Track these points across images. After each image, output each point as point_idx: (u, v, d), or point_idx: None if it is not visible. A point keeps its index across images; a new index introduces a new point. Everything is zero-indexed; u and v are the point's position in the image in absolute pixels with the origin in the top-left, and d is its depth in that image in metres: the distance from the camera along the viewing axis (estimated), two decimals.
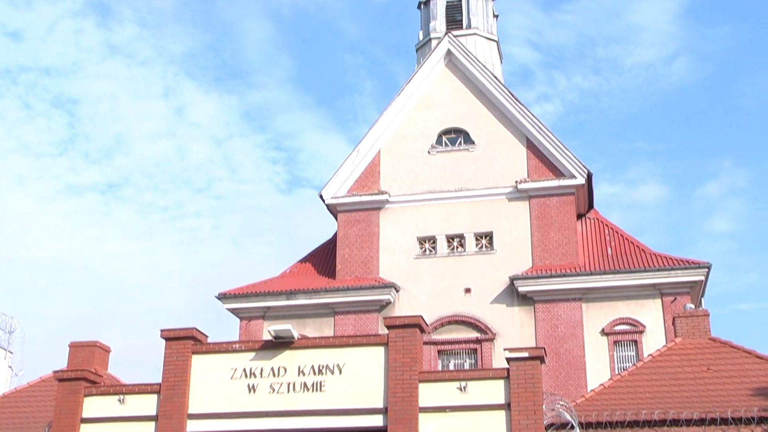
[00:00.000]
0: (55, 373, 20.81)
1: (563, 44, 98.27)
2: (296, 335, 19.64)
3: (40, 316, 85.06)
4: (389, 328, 19.21)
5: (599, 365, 34.79)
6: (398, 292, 37.60)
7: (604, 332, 35.38)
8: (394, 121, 40.22)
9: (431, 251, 38.31)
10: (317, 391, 19.16)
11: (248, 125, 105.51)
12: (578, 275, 35.78)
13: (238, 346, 20.03)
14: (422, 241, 38.61)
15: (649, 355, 25.22)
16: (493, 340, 35.99)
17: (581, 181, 37.72)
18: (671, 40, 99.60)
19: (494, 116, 39.45)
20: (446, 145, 39.72)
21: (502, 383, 18.39)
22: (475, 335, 36.42)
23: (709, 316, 24.86)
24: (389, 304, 37.51)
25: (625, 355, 35.02)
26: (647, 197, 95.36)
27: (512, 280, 36.33)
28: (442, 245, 38.21)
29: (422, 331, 19.40)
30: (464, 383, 18.52)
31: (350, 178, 39.78)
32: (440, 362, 36.48)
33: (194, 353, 20.00)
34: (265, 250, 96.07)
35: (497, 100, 39.43)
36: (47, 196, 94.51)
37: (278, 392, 19.32)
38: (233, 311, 39.10)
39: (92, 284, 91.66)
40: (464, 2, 44.01)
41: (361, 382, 18.99)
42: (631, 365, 25.69)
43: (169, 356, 20.02)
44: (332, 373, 19.21)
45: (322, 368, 19.30)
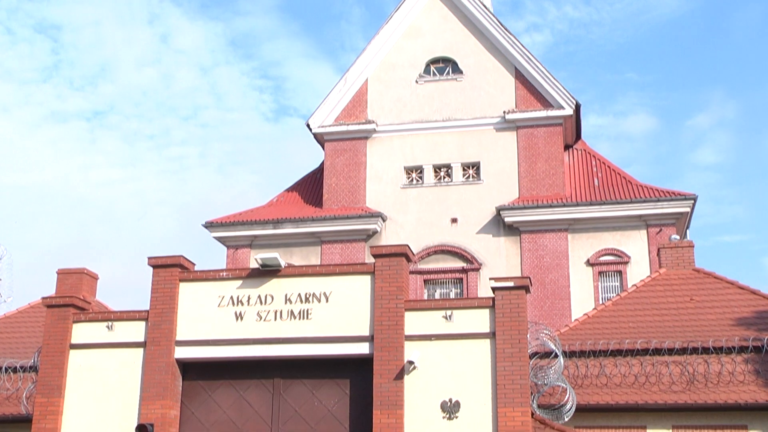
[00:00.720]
0: (43, 299, 20.85)
1: None
2: (283, 263, 19.70)
3: (27, 243, 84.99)
4: (376, 257, 19.28)
5: (584, 295, 35.18)
6: (385, 221, 37.72)
7: (589, 263, 35.69)
8: (381, 49, 39.88)
9: (418, 181, 38.33)
10: (304, 318, 19.29)
11: (234, 53, 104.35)
12: (564, 206, 35.93)
13: (225, 274, 20.09)
14: (409, 170, 38.61)
15: (633, 285, 25.47)
16: (478, 269, 36.26)
17: (569, 112, 37.65)
18: None
19: (483, 46, 39.15)
20: (434, 74, 39.46)
21: (487, 312, 18.56)
22: (461, 265, 36.68)
23: (693, 247, 25.07)
24: (376, 233, 37.65)
25: (609, 285, 35.38)
26: (636, 128, 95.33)
27: (499, 210, 36.47)
28: (429, 175, 38.23)
29: (408, 260, 19.49)
30: (450, 312, 18.67)
31: (337, 107, 39.60)
32: (426, 291, 36.79)
33: (181, 281, 20.06)
34: (252, 178, 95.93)
35: (486, 29, 39.06)
36: (32, 123, 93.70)
37: (265, 320, 19.44)
38: (220, 240, 39.21)
39: (79, 212, 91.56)
40: None
41: (347, 310, 19.13)
42: (615, 295, 25.96)
43: (156, 284, 20.08)
44: (319, 301, 19.33)
45: (308, 296, 19.41)
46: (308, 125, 39.74)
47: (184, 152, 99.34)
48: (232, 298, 19.70)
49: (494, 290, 18.58)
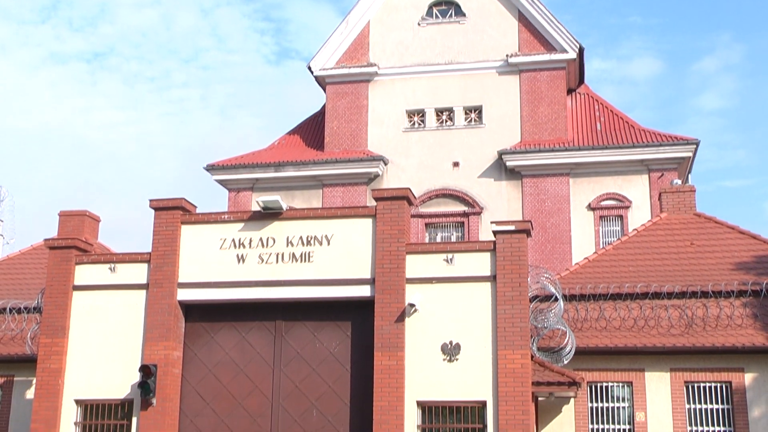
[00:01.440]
0: (46, 241, 20.92)
1: None
2: (285, 206, 19.72)
3: (28, 185, 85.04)
4: (377, 200, 19.29)
5: (584, 239, 35.28)
6: (386, 165, 37.67)
7: (590, 207, 35.71)
8: None
9: (420, 124, 38.19)
10: (305, 261, 19.37)
11: None
12: (566, 150, 35.85)
13: (226, 216, 20.13)
14: (411, 114, 38.44)
15: (633, 229, 25.54)
16: (480, 213, 36.31)
17: (572, 55, 37.36)
18: None
19: None
20: (437, 17, 39.07)
21: (488, 256, 18.62)
22: (462, 209, 36.72)
23: (695, 192, 25.09)
24: (377, 176, 37.63)
25: (610, 229, 35.45)
26: (640, 72, 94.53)
27: (500, 154, 36.40)
28: (431, 119, 38.08)
29: (410, 203, 19.51)
30: (451, 255, 18.74)
31: (339, 49, 39.29)
32: (427, 235, 36.89)
33: (183, 223, 20.11)
34: (254, 122, 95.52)
35: None
36: (31, 64, 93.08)
37: (267, 262, 19.53)
38: (222, 182, 39.22)
39: (80, 154, 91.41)
40: None
41: (349, 253, 19.20)
42: (615, 240, 26.03)
43: (158, 226, 20.13)
44: (320, 244, 19.39)
45: (310, 239, 19.47)
46: (310, 68, 39.47)
47: (185, 95, 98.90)
48: (233, 240, 19.76)
49: (495, 234, 18.62)
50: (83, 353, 19.78)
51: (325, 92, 39.73)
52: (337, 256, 19.22)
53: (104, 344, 19.72)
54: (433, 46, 38.59)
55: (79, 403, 19.67)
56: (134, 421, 19.23)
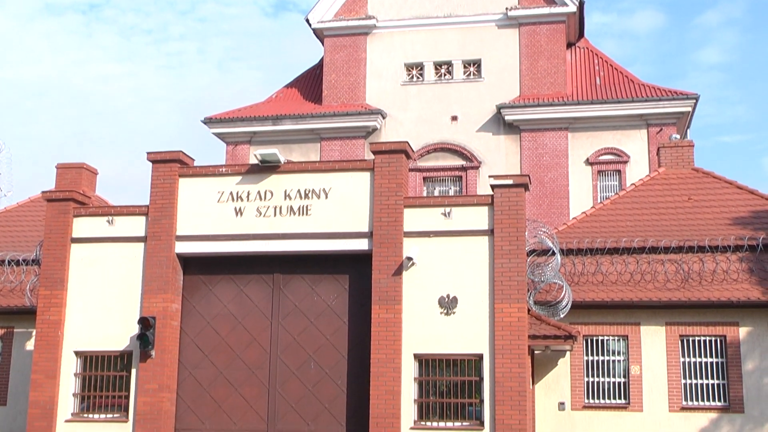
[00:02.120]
0: (43, 193, 20.89)
1: None
2: (282, 159, 19.67)
3: (25, 137, 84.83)
4: (375, 153, 19.25)
5: (582, 194, 35.31)
6: (385, 118, 37.55)
7: (588, 162, 35.68)
8: None
9: (418, 78, 37.99)
10: (303, 214, 19.38)
11: None
12: (565, 104, 35.73)
13: (224, 169, 20.09)
14: (409, 67, 38.22)
15: (631, 184, 25.55)
16: (478, 167, 36.28)
17: (572, 9, 37.06)
18: None
19: None
20: None
21: (485, 210, 18.63)
22: (460, 163, 36.68)
23: (693, 147, 25.08)
24: (375, 130, 37.53)
25: (608, 184, 35.46)
26: (642, 26, 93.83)
27: (499, 108, 36.27)
28: (429, 72, 37.88)
29: (408, 157, 19.47)
30: (449, 209, 18.75)
31: (337, 1, 38.96)
32: (425, 189, 36.89)
33: (181, 176, 20.07)
34: (252, 75, 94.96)
35: None
36: (26, 15, 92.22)
37: (265, 216, 19.54)
38: (219, 136, 39.10)
39: (77, 107, 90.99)
40: None
41: (346, 206, 19.20)
42: (613, 195, 26.03)
43: (156, 179, 20.10)
44: (318, 197, 19.38)
45: (308, 192, 19.45)
46: (307, 20, 39.15)
47: (182, 47, 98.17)
48: (231, 193, 19.74)
49: (493, 188, 18.61)
50: (82, 305, 19.87)
51: (323, 45, 39.45)
52: (335, 209, 19.23)
53: (103, 296, 19.80)
54: None
55: (78, 354, 19.80)
56: (133, 372, 19.38)
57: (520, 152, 36.20)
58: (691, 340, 20.59)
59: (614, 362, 20.85)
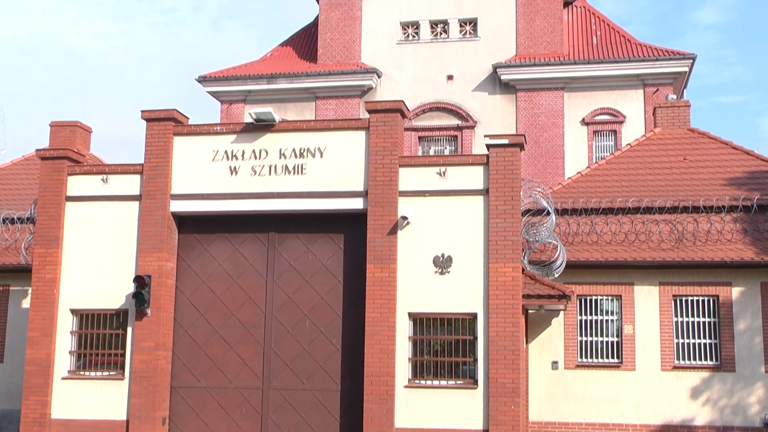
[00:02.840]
0: (37, 151, 20.81)
1: None
2: (277, 118, 19.60)
3: (18, 95, 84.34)
4: (370, 112, 19.18)
5: (578, 154, 35.29)
6: (380, 77, 37.37)
7: (584, 122, 35.63)
8: None
9: (414, 37, 37.76)
10: (298, 173, 19.35)
11: None
12: (561, 64, 35.57)
13: (219, 128, 20.02)
14: (405, 26, 37.97)
15: (627, 144, 25.51)
16: (473, 127, 36.21)
17: None
18: None
19: None
20: None
21: (481, 169, 18.61)
22: (456, 122, 36.60)
23: (689, 107, 25.00)
24: (371, 89, 37.38)
25: (604, 144, 35.44)
26: None
27: (495, 67, 36.11)
28: (425, 31, 37.64)
29: (403, 116, 19.41)
30: (444, 168, 18.73)
31: None
32: (420, 148, 36.84)
33: (175, 135, 20.00)
34: (247, 33, 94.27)
35: None
36: None
37: (260, 174, 19.50)
38: (214, 94, 38.93)
39: (71, 65, 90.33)
40: None
41: (342, 165, 19.17)
42: (609, 155, 26.01)
43: (150, 137, 20.02)
44: (313, 156, 19.34)
45: (303, 151, 19.41)
46: None
47: (176, 5, 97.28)
48: (226, 152, 19.69)
49: (488, 147, 18.59)
50: (77, 264, 19.89)
51: (318, 3, 39.13)
52: (330, 168, 19.20)
53: (98, 255, 19.82)
54: None
55: (74, 312, 19.86)
56: (129, 330, 19.46)
57: (515, 112, 36.12)
58: (684, 299, 20.70)
59: (607, 322, 20.97)
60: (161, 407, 19.21)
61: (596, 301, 21.04)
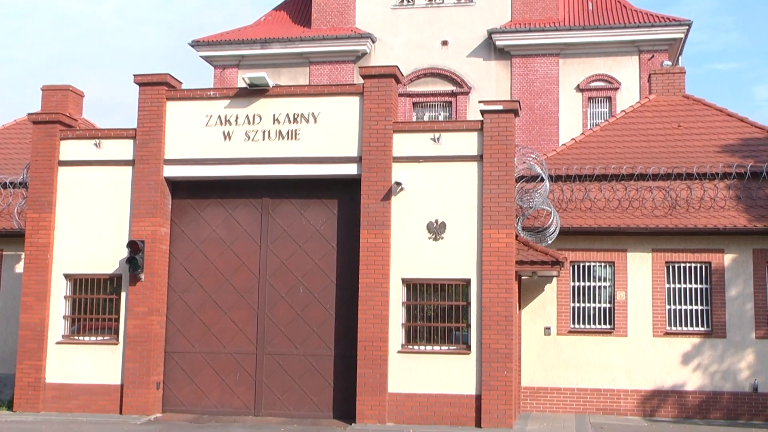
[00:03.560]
0: (29, 115, 20.69)
1: None
2: (271, 83, 19.50)
3: (9, 59, 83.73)
4: (365, 77, 19.10)
5: (572, 121, 35.23)
6: (374, 43, 37.16)
7: (579, 88, 35.52)
8: None
9: (409, 2, 37.48)
10: (292, 139, 19.30)
11: None
12: (557, 30, 35.40)
13: (212, 93, 19.92)
14: None
15: (621, 111, 25.45)
16: (468, 93, 36.09)
17: None
18: None
19: None
20: None
21: (475, 135, 18.59)
22: (450, 88, 36.46)
23: (684, 74, 24.91)
24: (365, 54, 37.17)
25: (598, 111, 35.37)
26: None
27: (490, 33, 35.92)
28: None
29: (398, 81, 19.33)
30: (438, 134, 18.69)
31: None
32: (415, 114, 36.73)
33: (169, 99, 19.90)
34: None
35: None
36: None
37: (253, 140, 19.44)
38: (207, 59, 38.69)
39: (62, 28, 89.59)
40: None
41: (335, 131, 19.12)
42: (603, 121, 25.96)
43: (143, 102, 19.92)
44: (307, 121, 19.28)
45: (297, 117, 19.34)
46: None
47: None
48: (219, 117, 19.62)
49: (483, 113, 18.54)
50: (71, 228, 19.87)
51: None
52: (324, 134, 19.15)
53: (92, 220, 19.79)
54: None
55: (68, 277, 19.87)
56: (123, 295, 19.49)
57: (510, 78, 35.98)
58: (676, 266, 20.77)
59: (600, 288, 21.04)
60: (155, 372, 19.29)
61: (589, 267, 21.10)
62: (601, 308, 20.97)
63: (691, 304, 20.65)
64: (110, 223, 19.70)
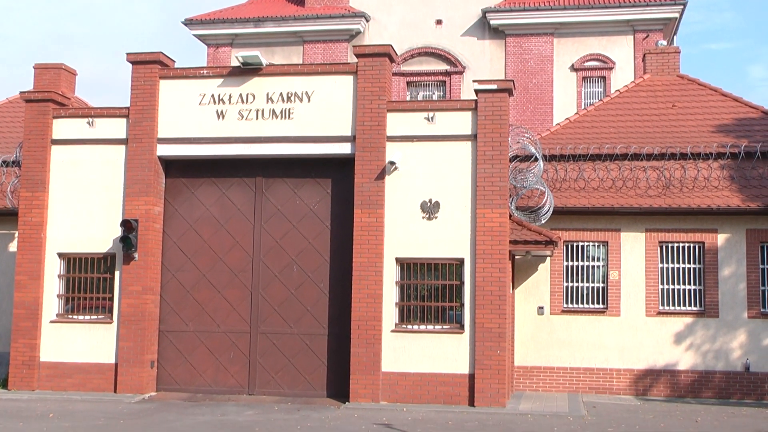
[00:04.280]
0: (21, 93, 20.61)
1: None
2: (264, 62, 19.43)
3: (2, 36, 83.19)
4: (358, 56, 19.04)
5: (567, 100, 35.17)
6: (368, 21, 37.00)
7: (573, 68, 35.44)
8: None
9: None
10: (286, 118, 19.25)
11: None
12: (551, 9, 35.28)
13: (205, 71, 19.84)
14: None
15: (616, 90, 25.44)
16: (462, 73, 35.99)
17: None
18: None
19: None
20: None
21: (469, 114, 18.56)
22: (444, 67, 36.36)
23: (679, 53, 24.87)
24: (359, 33, 37.03)
25: (593, 91, 35.31)
26: None
27: (484, 12, 35.78)
28: None
29: (392, 60, 19.28)
30: (432, 114, 18.67)
31: None
32: (409, 93, 36.64)
33: (161, 78, 19.83)
34: None
35: None
36: None
37: (247, 119, 19.40)
38: (201, 38, 38.49)
39: (54, 5, 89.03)
40: None
41: (329, 110, 19.08)
42: (598, 101, 25.93)
43: (136, 80, 19.84)
44: (301, 100, 19.23)
45: (290, 96, 19.29)
46: None
47: None
48: (213, 96, 19.55)
49: (477, 93, 18.52)
50: (64, 207, 19.83)
51: None
52: (317, 113, 19.11)
53: (85, 199, 19.76)
54: None
55: (61, 256, 19.85)
56: (117, 274, 19.49)
57: (504, 57, 35.89)
58: (670, 246, 20.82)
59: (594, 268, 21.09)
60: (149, 351, 19.32)
61: (583, 247, 21.14)
62: (594, 288, 21.03)
63: (684, 283, 20.72)
64: (104, 202, 19.67)
